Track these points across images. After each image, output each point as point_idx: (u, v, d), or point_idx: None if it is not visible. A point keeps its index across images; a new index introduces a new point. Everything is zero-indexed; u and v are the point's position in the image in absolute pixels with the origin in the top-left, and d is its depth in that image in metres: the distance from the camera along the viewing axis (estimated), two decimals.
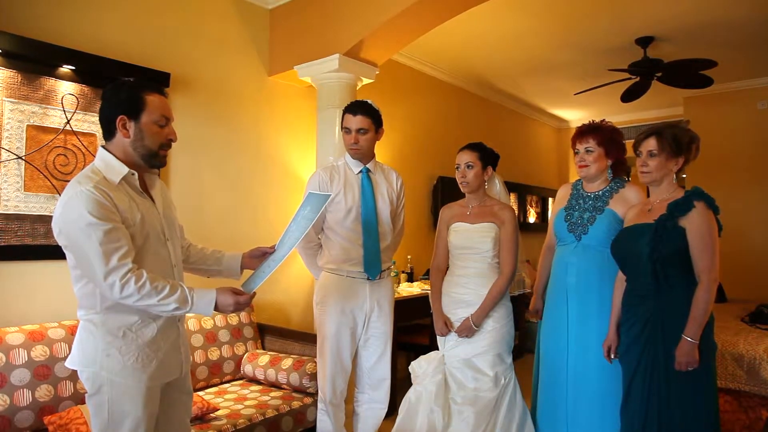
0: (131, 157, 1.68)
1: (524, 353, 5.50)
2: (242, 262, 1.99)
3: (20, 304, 2.58)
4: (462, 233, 2.56)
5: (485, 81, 5.82)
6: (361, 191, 2.61)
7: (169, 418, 1.81)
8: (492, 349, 2.48)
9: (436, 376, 2.49)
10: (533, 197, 6.95)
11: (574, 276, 2.35)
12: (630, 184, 2.40)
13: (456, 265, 2.61)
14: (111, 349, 1.61)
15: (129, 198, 1.65)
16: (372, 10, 3.26)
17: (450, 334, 2.55)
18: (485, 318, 2.49)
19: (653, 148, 2.07)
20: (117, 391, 1.61)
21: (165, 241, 1.75)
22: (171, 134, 1.72)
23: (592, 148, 2.34)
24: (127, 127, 1.65)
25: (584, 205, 2.40)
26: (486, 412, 2.39)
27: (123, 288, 1.53)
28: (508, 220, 2.55)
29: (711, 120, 5.88)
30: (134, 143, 1.66)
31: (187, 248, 1.98)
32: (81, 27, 2.83)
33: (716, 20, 4.12)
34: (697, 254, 1.93)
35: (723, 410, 3.14)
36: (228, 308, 1.71)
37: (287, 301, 3.79)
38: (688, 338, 1.90)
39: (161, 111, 1.68)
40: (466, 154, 2.55)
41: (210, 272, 2.01)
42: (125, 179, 1.66)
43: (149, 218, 1.69)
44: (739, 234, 5.41)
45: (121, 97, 1.65)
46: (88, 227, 1.52)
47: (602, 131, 2.35)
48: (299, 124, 3.94)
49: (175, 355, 1.76)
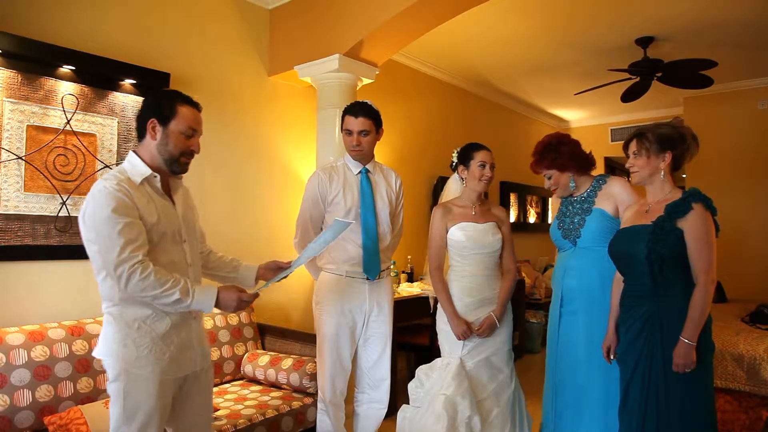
0: (156, 161, 1.80)
1: (524, 353, 5.50)
2: (258, 273, 2.09)
3: (20, 304, 2.58)
4: (472, 233, 2.52)
5: (485, 81, 5.82)
6: (360, 192, 2.61)
7: (185, 413, 1.88)
8: (506, 345, 2.55)
9: (463, 384, 2.38)
10: (533, 197, 6.96)
11: (576, 278, 2.36)
12: (613, 178, 2.43)
13: (461, 265, 2.55)
14: (127, 339, 1.71)
15: (148, 198, 1.76)
16: (372, 10, 3.26)
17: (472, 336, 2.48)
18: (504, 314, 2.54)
19: (634, 149, 2.12)
20: (132, 381, 1.70)
21: (181, 241, 1.84)
22: (194, 145, 1.83)
23: (549, 174, 2.45)
24: (155, 130, 1.78)
25: (573, 210, 2.44)
26: (508, 410, 2.43)
27: (129, 278, 1.62)
28: (506, 218, 2.65)
29: (711, 120, 5.88)
30: (159, 146, 1.79)
31: (207, 254, 2.08)
32: (81, 27, 2.83)
33: (716, 20, 4.12)
34: (695, 256, 1.93)
35: (723, 410, 3.14)
36: (230, 304, 1.79)
37: (287, 301, 3.79)
38: (686, 340, 1.90)
39: (190, 123, 1.80)
40: (489, 154, 2.57)
41: (226, 279, 2.10)
42: (147, 180, 1.78)
43: (166, 218, 1.79)
44: (739, 234, 5.41)
45: (157, 103, 1.80)
46: (107, 220, 1.63)
47: (546, 156, 2.41)
48: (299, 124, 3.94)
49: (188, 350, 1.83)
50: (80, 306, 2.74)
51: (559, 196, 2.52)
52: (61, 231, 2.69)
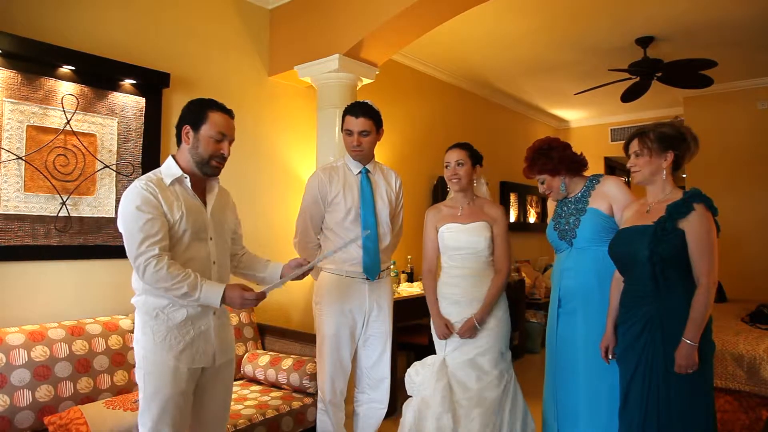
0: (189, 164, 1.94)
1: (524, 353, 5.50)
2: (282, 272, 2.16)
3: (20, 304, 2.58)
4: (455, 234, 2.56)
5: (485, 81, 5.82)
6: (360, 192, 2.61)
7: (203, 405, 1.99)
8: (494, 347, 2.49)
9: (440, 381, 2.45)
10: (533, 197, 6.95)
11: (573, 279, 2.36)
12: (607, 178, 2.43)
13: (450, 266, 2.60)
14: (146, 327, 1.86)
15: (176, 197, 1.89)
16: (372, 10, 3.26)
17: (452, 336, 2.55)
18: (488, 316, 2.49)
19: (636, 148, 2.11)
20: (149, 366, 1.84)
21: (207, 239, 1.95)
22: (224, 149, 1.96)
23: (543, 179, 2.45)
24: (188, 135, 1.93)
25: (568, 211, 2.44)
26: (492, 411, 2.39)
27: (145, 269, 1.76)
28: (500, 217, 2.59)
29: (711, 120, 5.88)
30: (191, 150, 1.93)
31: (242, 255, 2.20)
32: (81, 27, 2.83)
33: (716, 20, 4.12)
34: (697, 257, 1.93)
35: (723, 410, 3.14)
36: (235, 301, 1.86)
37: (287, 301, 3.79)
38: (688, 341, 1.90)
39: (219, 128, 1.94)
40: (456, 152, 2.58)
41: (257, 278, 2.21)
42: (177, 180, 1.91)
43: (192, 217, 1.90)
44: (739, 234, 5.41)
45: (191, 110, 1.95)
46: (132, 215, 1.78)
47: (537, 162, 2.42)
48: (299, 124, 3.94)
49: (205, 343, 1.92)
50: (80, 306, 2.74)
51: (553, 200, 2.52)
52: (61, 231, 2.69)
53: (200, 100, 1.99)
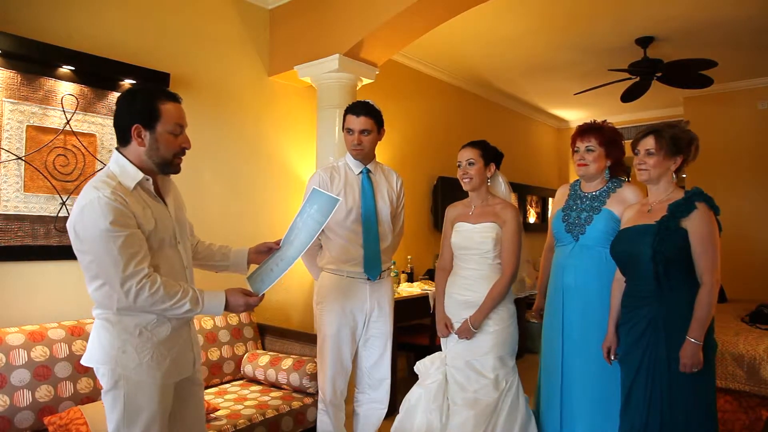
0: (146, 164, 1.70)
1: (524, 353, 5.50)
2: (248, 258, 2.04)
3: (20, 304, 2.58)
4: (463, 233, 2.55)
5: (485, 81, 5.82)
6: (361, 192, 2.61)
7: (184, 412, 1.86)
8: (493, 352, 2.44)
9: (436, 375, 2.50)
10: (533, 197, 6.95)
11: (572, 276, 2.35)
12: (628, 184, 2.40)
13: (458, 266, 2.60)
14: (127, 346, 1.65)
15: (143, 203, 1.67)
16: (372, 10, 3.26)
17: (451, 335, 2.55)
18: (485, 319, 2.45)
19: (651, 146, 2.07)
20: (132, 387, 1.65)
21: (176, 244, 1.78)
22: (185, 142, 1.74)
23: (593, 147, 2.34)
24: (142, 136, 1.66)
25: (582, 206, 2.40)
26: (485, 415, 2.35)
27: (138, 294, 1.58)
28: (510, 219, 2.48)
29: (711, 120, 5.88)
30: (149, 152, 1.68)
31: (195, 245, 2.01)
32: (81, 27, 2.83)
33: (716, 20, 4.12)
34: (699, 256, 1.93)
35: (723, 410, 3.14)
36: (239, 308, 1.79)
37: (287, 301, 3.79)
38: (692, 340, 1.90)
39: (176, 119, 1.69)
40: (468, 151, 2.55)
41: (218, 268, 2.05)
42: (140, 184, 1.68)
43: (163, 223, 1.71)
44: (739, 233, 5.41)
45: (136, 107, 1.65)
46: (106, 234, 1.54)
47: (604, 132, 2.35)
48: (299, 124, 3.94)
49: (187, 353, 1.82)
50: (80, 306, 2.74)
51: (584, 175, 2.41)
52: (61, 231, 2.68)
53: (143, 90, 1.72)
